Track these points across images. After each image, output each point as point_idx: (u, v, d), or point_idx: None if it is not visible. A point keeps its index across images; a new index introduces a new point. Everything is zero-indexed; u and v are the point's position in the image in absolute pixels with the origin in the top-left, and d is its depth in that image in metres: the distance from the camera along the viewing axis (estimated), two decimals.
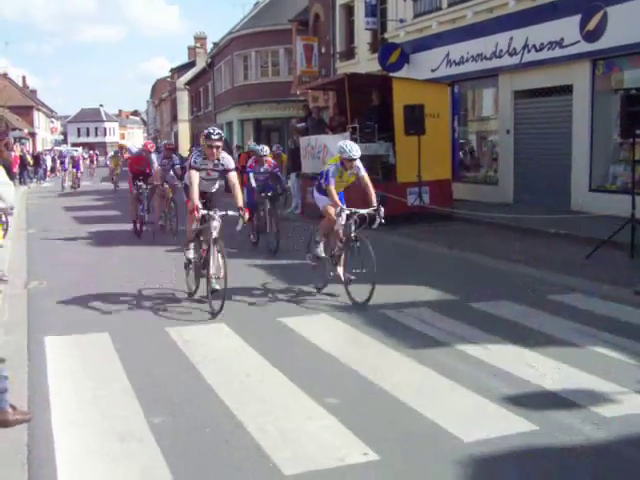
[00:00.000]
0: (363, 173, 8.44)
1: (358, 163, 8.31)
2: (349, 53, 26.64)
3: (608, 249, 10.38)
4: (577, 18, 14.87)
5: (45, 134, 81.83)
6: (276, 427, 4.52)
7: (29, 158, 40.46)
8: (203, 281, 8.08)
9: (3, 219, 12.04)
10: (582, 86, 15.25)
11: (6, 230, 12.53)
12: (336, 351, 6.17)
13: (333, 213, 8.33)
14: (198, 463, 4.10)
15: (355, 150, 8.13)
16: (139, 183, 13.97)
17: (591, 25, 14.54)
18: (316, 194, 8.94)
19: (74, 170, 33.51)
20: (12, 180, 5.89)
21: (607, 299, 7.96)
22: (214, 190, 8.69)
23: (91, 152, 57.43)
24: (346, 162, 8.22)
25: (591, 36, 14.59)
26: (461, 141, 20.54)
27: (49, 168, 45.16)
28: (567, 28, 15.16)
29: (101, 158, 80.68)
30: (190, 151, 29.78)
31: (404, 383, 5.33)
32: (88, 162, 50.84)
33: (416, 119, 14.15)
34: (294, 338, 6.67)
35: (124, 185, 22.45)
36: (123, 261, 11.48)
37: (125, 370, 5.70)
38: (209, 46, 60.43)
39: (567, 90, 15.73)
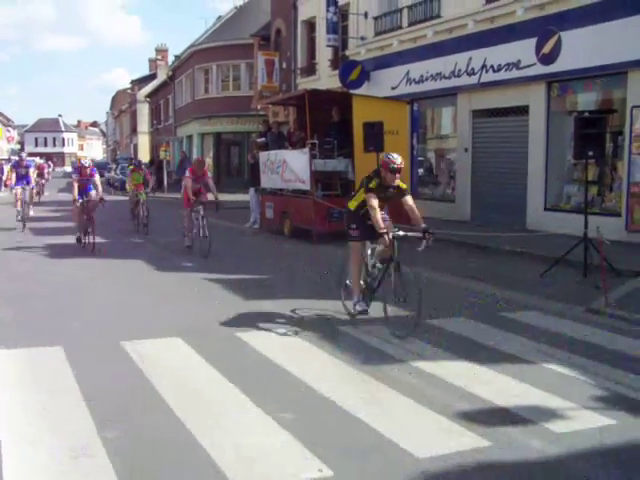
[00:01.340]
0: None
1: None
2: (310, 69, 26.82)
3: (562, 267, 10.57)
4: (533, 41, 15.21)
5: (1, 143, 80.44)
6: (231, 443, 4.49)
7: None
8: None
9: None
10: (538, 107, 15.58)
11: None
12: (291, 366, 6.15)
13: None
14: None
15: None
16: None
17: (546, 48, 14.89)
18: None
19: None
20: None
21: (561, 317, 8.09)
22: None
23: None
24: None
25: (546, 59, 14.93)
26: (420, 158, 20.77)
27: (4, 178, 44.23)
28: (524, 50, 15.49)
29: (59, 169, 79.10)
30: (179, 166, 29.04)
31: (359, 399, 5.34)
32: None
33: (375, 136, 14.25)
34: (249, 353, 6.64)
35: None
36: (79, 273, 11.31)
37: (78, 384, 5.60)
38: (170, 58, 60.27)
39: (523, 111, 16.05)
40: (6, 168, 49.10)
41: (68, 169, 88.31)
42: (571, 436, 4.60)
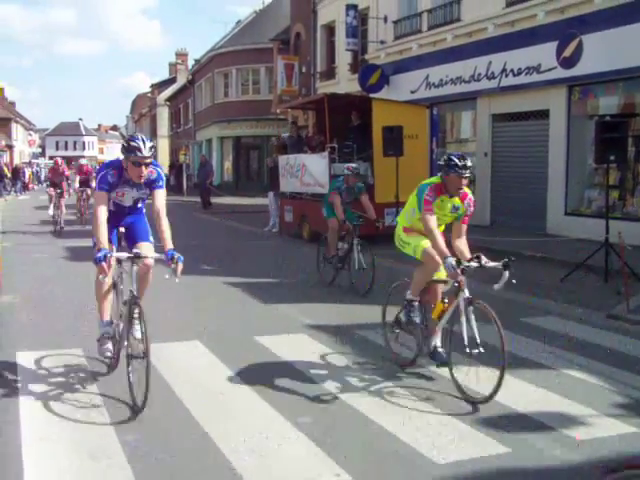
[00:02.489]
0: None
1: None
2: (329, 73, 26.82)
3: (583, 272, 10.49)
4: (554, 45, 15.11)
5: (23, 147, 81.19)
6: (249, 446, 4.49)
7: (7, 170, 40.15)
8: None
9: None
10: (558, 111, 15.47)
11: None
12: (310, 370, 6.15)
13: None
14: None
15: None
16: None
17: (567, 52, 14.79)
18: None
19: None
20: None
21: (581, 322, 8.03)
22: None
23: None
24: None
25: (567, 63, 14.83)
26: (439, 163, 20.66)
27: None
28: (544, 54, 15.39)
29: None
30: (200, 170, 29.35)
31: (377, 404, 5.33)
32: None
33: (395, 140, 14.24)
34: (268, 357, 6.64)
35: None
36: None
37: (97, 387, 5.64)
38: (190, 63, 60.55)
39: (544, 115, 15.94)
40: (28, 171, 49.64)
41: None
42: (591, 443, 4.56)
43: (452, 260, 5.40)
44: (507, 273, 5.60)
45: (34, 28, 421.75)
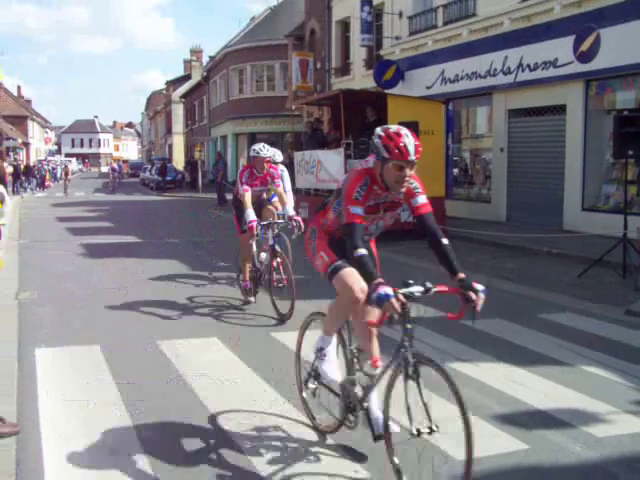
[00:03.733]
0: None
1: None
2: (344, 69, 26.80)
3: (600, 268, 10.42)
4: (571, 39, 15.01)
5: (39, 144, 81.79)
6: (267, 443, 4.51)
7: (22, 167, 40.45)
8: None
9: None
10: (575, 106, 15.37)
11: None
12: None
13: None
14: (188, 478, 4.08)
15: None
16: None
17: (585, 46, 14.68)
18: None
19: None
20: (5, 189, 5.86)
21: (599, 318, 7.98)
22: None
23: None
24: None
25: (585, 57, 14.72)
26: (455, 158, 20.64)
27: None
28: (561, 48, 15.30)
29: (94, 169, 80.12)
30: (214, 166, 29.49)
31: (394, 399, 5.31)
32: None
33: None
34: (286, 353, 6.64)
35: None
36: (115, 273, 11.44)
37: (115, 383, 5.67)
38: (205, 59, 60.70)
39: (560, 110, 15.85)
40: (46, 168, 49.95)
41: (104, 169, 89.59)
42: (611, 440, 4.54)
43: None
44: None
45: (49, 26, 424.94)
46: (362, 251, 3.79)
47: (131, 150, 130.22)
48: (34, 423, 4.78)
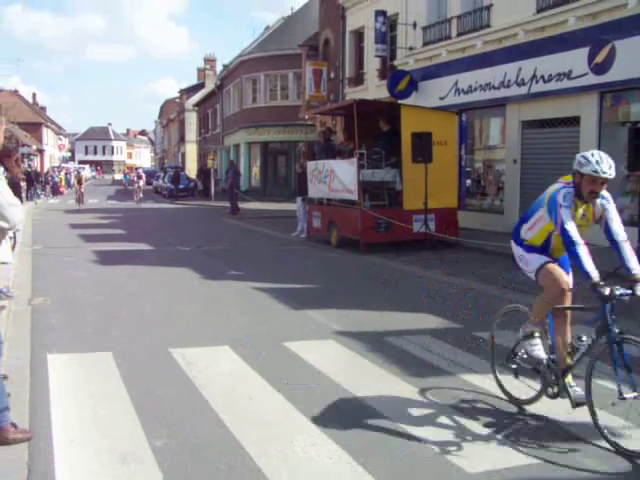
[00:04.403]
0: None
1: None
2: (358, 79, 26.83)
3: (615, 281, 10.33)
4: (585, 50, 14.96)
5: (53, 151, 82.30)
6: (277, 452, 4.49)
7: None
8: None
9: (10, 234, 12.07)
10: (589, 118, 15.32)
11: (13, 247, 12.55)
12: (339, 377, 6.13)
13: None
14: None
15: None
16: None
17: (599, 58, 14.63)
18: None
19: None
20: (19, 197, 5.89)
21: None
22: None
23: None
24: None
25: (599, 69, 14.67)
26: (468, 169, 20.60)
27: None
28: (575, 60, 15.25)
29: (107, 177, 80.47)
30: (226, 174, 29.28)
31: (406, 411, 5.30)
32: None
33: (424, 146, 14.20)
34: (297, 363, 6.64)
35: None
36: (127, 280, 11.48)
37: (127, 390, 5.67)
38: (219, 68, 60.97)
39: (574, 121, 15.79)
40: (60, 175, 50.22)
41: (117, 176, 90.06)
42: (625, 455, 4.49)
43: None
44: None
45: (64, 35, 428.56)
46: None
47: (144, 158, 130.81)
48: (46, 429, 4.79)
